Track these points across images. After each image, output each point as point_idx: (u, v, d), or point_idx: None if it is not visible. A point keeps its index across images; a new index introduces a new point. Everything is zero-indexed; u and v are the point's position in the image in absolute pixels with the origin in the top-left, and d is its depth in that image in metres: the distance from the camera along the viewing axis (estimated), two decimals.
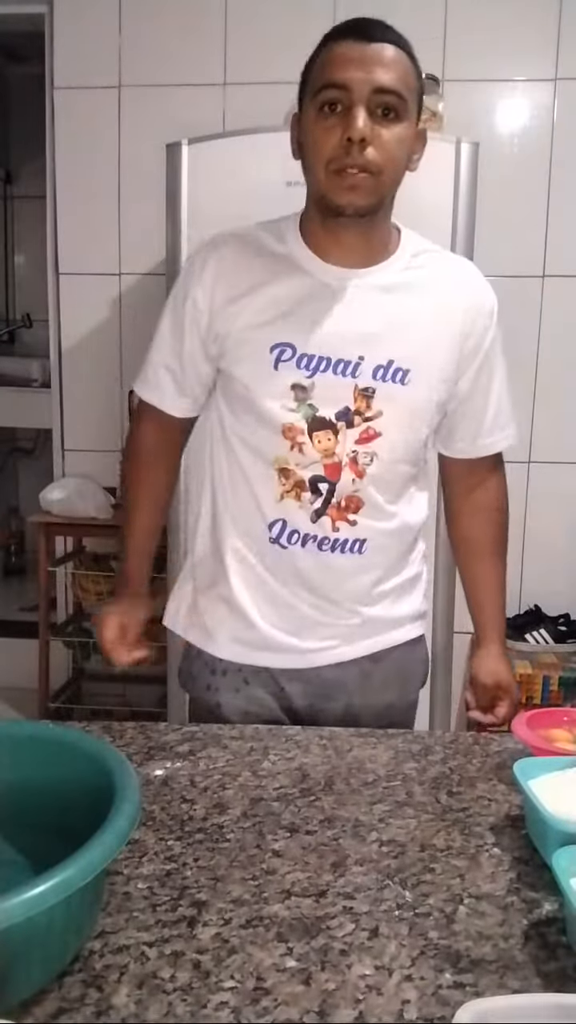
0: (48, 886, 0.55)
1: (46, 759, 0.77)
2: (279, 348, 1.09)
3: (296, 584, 1.15)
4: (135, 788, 0.67)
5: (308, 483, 1.11)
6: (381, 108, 1.01)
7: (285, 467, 1.11)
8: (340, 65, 1.01)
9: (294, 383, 1.09)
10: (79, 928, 0.64)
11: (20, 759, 0.77)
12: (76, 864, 0.58)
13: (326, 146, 1.02)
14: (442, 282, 1.16)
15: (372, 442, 1.11)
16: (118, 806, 0.64)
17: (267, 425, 1.11)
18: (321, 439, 1.10)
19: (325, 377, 1.09)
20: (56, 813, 0.73)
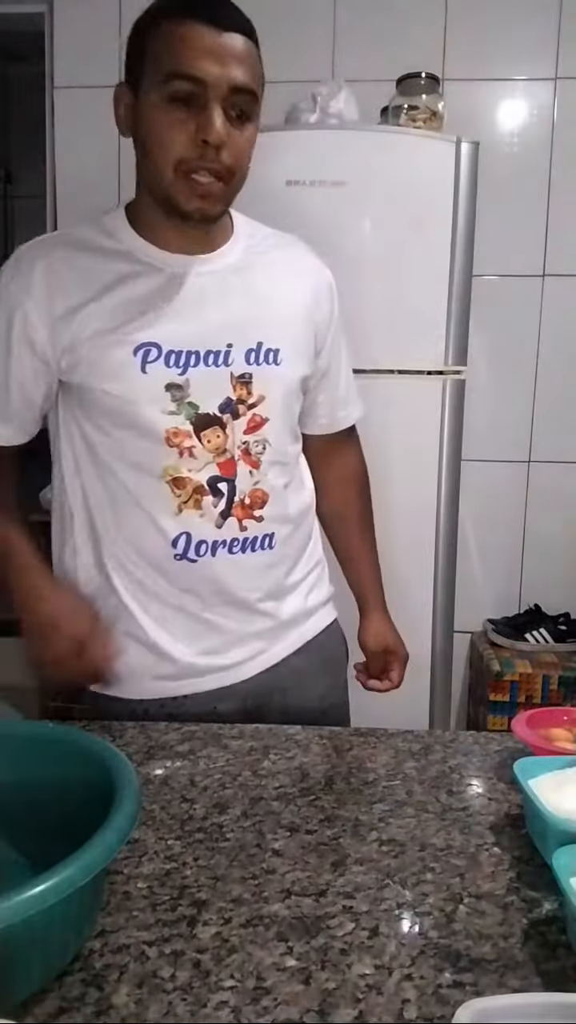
0: (48, 886, 0.55)
1: (46, 759, 0.77)
2: (143, 349, 1.01)
3: (212, 597, 1.09)
4: (135, 787, 0.67)
5: (207, 487, 1.05)
6: (236, 109, 0.97)
7: (177, 476, 1.04)
8: (194, 56, 0.93)
9: (168, 383, 1.02)
10: (79, 928, 0.64)
11: (20, 759, 0.77)
12: (76, 864, 0.58)
13: (175, 144, 0.95)
14: (284, 259, 1.15)
15: (260, 429, 1.08)
16: (118, 805, 0.64)
17: (147, 435, 1.03)
18: (210, 437, 1.04)
19: (198, 371, 1.03)
20: (56, 813, 0.73)
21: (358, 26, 2.49)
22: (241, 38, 0.96)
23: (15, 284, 1.03)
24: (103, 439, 1.05)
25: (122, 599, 1.09)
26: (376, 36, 2.49)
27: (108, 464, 1.06)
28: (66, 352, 1.03)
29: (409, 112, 2.20)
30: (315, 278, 1.17)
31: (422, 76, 2.22)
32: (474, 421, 2.33)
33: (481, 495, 2.57)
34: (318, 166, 1.96)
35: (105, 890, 0.72)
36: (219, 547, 1.07)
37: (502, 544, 2.68)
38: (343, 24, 2.50)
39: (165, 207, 1.02)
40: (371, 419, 1.35)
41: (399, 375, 2.04)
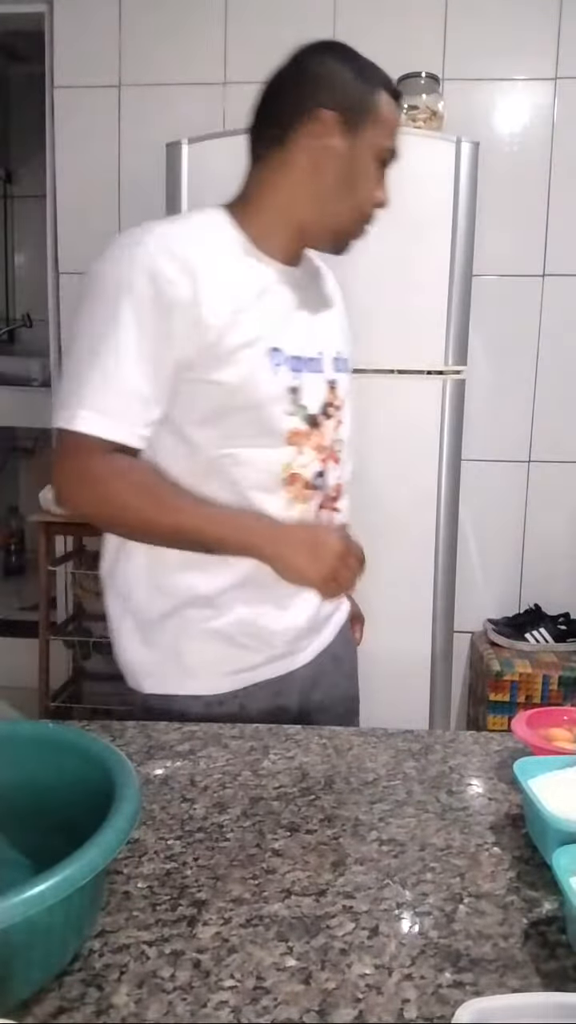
0: (48, 885, 0.55)
1: (46, 758, 0.76)
2: (273, 353, 1.07)
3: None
4: (135, 787, 0.68)
5: (311, 481, 1.13)
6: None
7: (292, 472, 1.10)
8: (395, 135, 1.11)
9: (289, 386, 1.09)
10: (79, 927, 0.64)
11: (20, 758, 0.77)
12: (76, 863, 0.58)
13: (373, 194, 1.11)
14: (326, 275, 1.26)
15: (340, 429, 1.17)
16: (118, 805, 0.64)
17: (271, 434, 1.07)
18: (314, 436, 1.12)
19: (306, 376, 1.11)
20: (56, 812, 0.73)
21: (358, 26, 2.49)
22: None
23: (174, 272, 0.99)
24: (216, 439, 1.05)
25: (208, 594, 1.11)
26: (376, 36, 2.48)
27: (215, 464, 1.06)
28: (204, 349, 1.01)
29: (409, 112, 2.20)
30: (340, 294, 1.29)
31: (422, 76, 2.23)
32: (474, 421, 2.33)
33: (481, 495, 2.58)
34: None
35: (105, 890, 0.72)
36: None
37: (502, 544, 2.68)
38: (343, 24, 2.50)
39: (324, 236, 1.13)
40: (371, 419, 1.35)
41: (399, 375, 2.04)
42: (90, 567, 2.75)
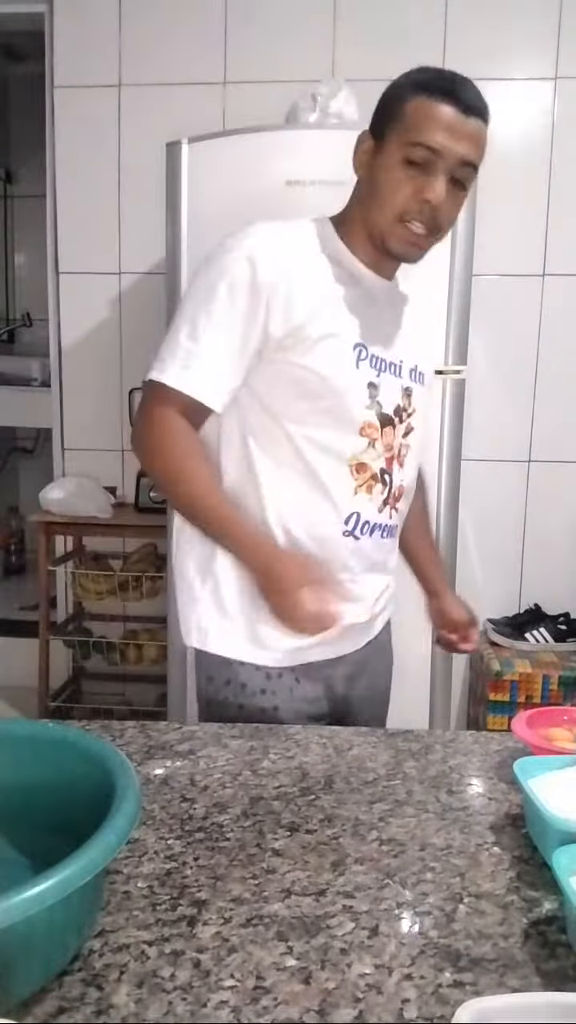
0: (47, 885, 0.55)
1: (46, 758, 0.77)
2: (358, 348, 1.14)
3: (363, 571, 1.20)
4: (135, 787, 0.68)
5: (379, 475, 1.18)
6: (456, 177, 1.10)
7: (360, 462, 1.16)
8: (437, 130, 1.07)
9: (369, 382, 1.15)
10: (79, 927, 0.65)
11: (20, 758, 0.77)
12: (76, 863, 0.58)
13: (400, 196, 1.09)
14: (420, 300, 1.32)
15: (410, 435, 1.23)
16: (118, 805, 0.64)
17: (346, 423, 1.14)
18: (387, 434, 1.18)
19: (385, 377, 1.17)
20: (56, 812, 0.73)
21: (358, 25, 2.49)
22: (479, 122, 1.10)
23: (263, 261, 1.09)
24: (295, 417, 1.13)
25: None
26: (376, 35, 2.49)
27: (292, 440, 1.14)
28: (295, 331, 1.10)
29: None
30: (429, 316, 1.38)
31: None
32: (474, 421, 2.33)
33: (481, 495, 2.57)
34: (318, 166, 1.96)
35: (105, 890, 0.72)
36: (377, 530, 1.19)
37: (502, 544, 2.68)
38: (343, 23, 2.50)
39: (377, 243, 1.14)
40: None
41: None
42: (90, 567, 2.75)
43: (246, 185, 1.97)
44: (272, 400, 1.14)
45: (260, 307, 1.09)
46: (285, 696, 1.19)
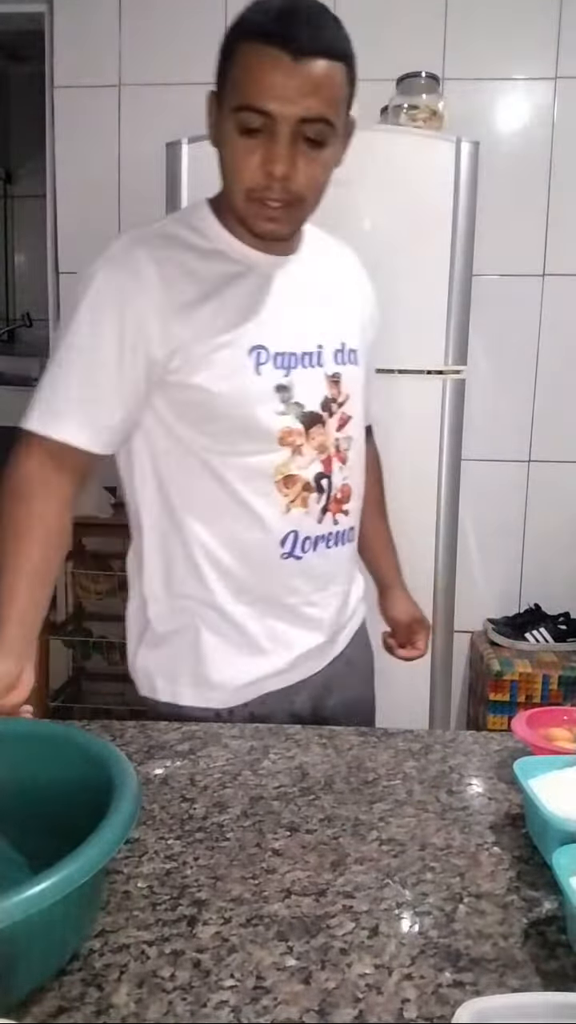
0: (47, 884, 0.55)
1: (46, 757, 0.76)
2: (256, 351, 1.03)
3: (311, 592, 1.13)
4: (135, 786, 0.67)
5: (313, 483, 1.08)
6: (306, 136, 0.95)
7: (288, 475, 1.06)
8: (263, 87, 0.91)
9: (277, 384, 1.05)
10: (78, 926, 0.64)
11: (19, 756, 0.77)
12: (75, 862, 0.58)
13: (245, 171, 0.96)
14: (343, 261, 1.19)
15: (347, 426, 1.12)
16: (117, 804, 0.64)
17: (261, 436, 1.04)
18: (315, 435, 1.08)
19: (299, 372, 1.06)
20: (55, 811, 0.73)
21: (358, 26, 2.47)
22: (321, 63, 0.92)
23: (121, 278, 0.99)
24: (206, 441, 1.04)
25: (216, 605, 1.09)
26: (376, 36, 2.48)
27: (209, 467, 1.04)
28: (179, 351, 1.00)
29: (409, 111, 2.20)
30: (364, 279, 1.22)
31: (422, 75, 2.22)
32: (474, 421, 2.33)
33: (481, 495, 2.57)
34: None
35: (105, 889, 0.72)
36: (320, 542, 1.10)
37: (502, 544, 2.68)
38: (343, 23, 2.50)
39: (241, 224, 1.03)
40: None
41: (399, 375, 2.03)
42: (90, 567, 2.75)
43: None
44: (179, 427, 1.04)
45: (130, 331, 0.99)
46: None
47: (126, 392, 1.01)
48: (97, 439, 1.01)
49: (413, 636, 1.36)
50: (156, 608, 1.13)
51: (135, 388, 1.01)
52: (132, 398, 1.02)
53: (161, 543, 1.11)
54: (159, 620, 1.13)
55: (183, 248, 1.03)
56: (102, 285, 1.00)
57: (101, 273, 1.00)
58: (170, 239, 1.04)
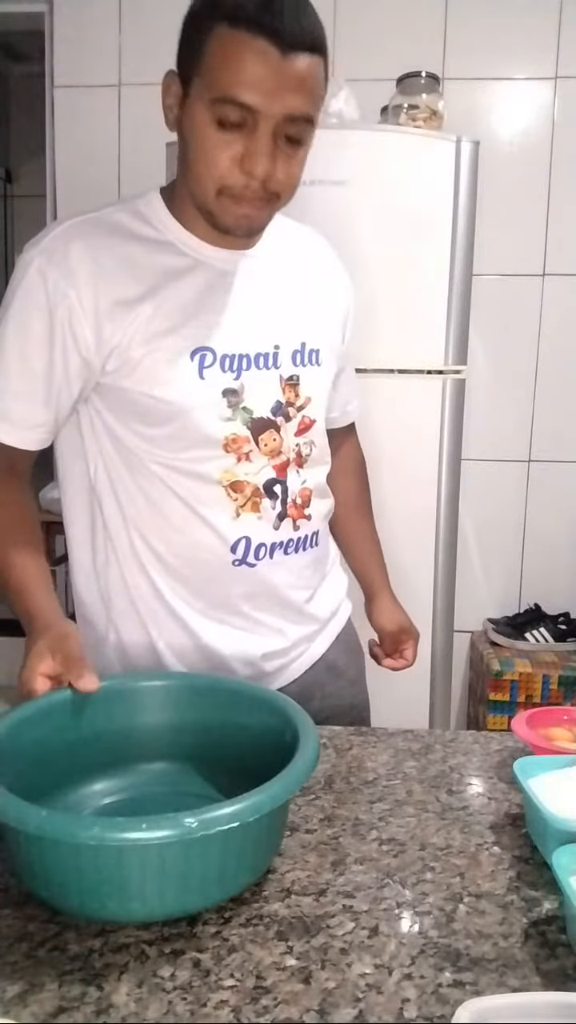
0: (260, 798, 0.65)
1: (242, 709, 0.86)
2: (200, 354, 0.97)
3: (267, 601, 1.08)
4: (315, 739, 0.75)
5: (263, 490, 1.03)
6: (288, 134, 0.90)
7: (235, 480, 1.01)
8: (249, 82, 0.86)
9: (224, 388, 0.98)
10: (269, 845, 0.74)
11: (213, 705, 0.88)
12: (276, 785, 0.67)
13: (220, 166, 0.90)
14: (312, 255, 1.12)
15: (309, 431, 1.07)
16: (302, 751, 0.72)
17: (204, 442, 0.98)
18: (266, 440, 1.02)
19: (251, 375, 1.00)
20: (242, 754, 0.83)
21: (358, 25, 2.49)
22: (306, 58, 0.87)
23: (54, 273, 0.94)
24: (147, 446, 0.99)
25: (173, 608, 1.05)
26: (376, 35, 2.49)
27: (153, 471, 1.00)
28: (114, 353, 0.95)
29: (409, 111, 2.20)
30: (338, 274, 1.15)
31: (422, 75, 2.22)
32: (474, 421, 2.33)
33: (481, 495, 2.57)
34: (318, 166, 1.95)
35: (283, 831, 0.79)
36: (276, 549, 1.05)
37: (502, 544, 2.68)
38: (343, 23, 2.50)
39: (206, 218, 0.96)
40: (371, 419, 1.35)
41: (399, 375, 2.03)
42: None
43: None
44: (118, 428, 0.99)
45: (59, 333, 0.94)
46: None
47: (58, 394, 0.98)
48: (28, 437, 0.99)
49: (400, 645, 1.31)
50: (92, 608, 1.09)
51: (68, 390, 0.98)
52: (66, 399, 0.99)
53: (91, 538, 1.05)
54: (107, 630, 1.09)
55: (126, 238, 0.97)
56: (34, 281, 0.94)
57: (34, 265, 0.95)
58: (113, 228, 0.98)
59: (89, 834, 0.61)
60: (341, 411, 1.25)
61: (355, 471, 1.33)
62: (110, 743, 0.86)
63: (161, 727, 0.88)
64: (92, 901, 0.65)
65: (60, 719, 0.83)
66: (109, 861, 0.63)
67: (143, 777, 0.87)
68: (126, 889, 0.65)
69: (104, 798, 0.85)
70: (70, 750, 0.83)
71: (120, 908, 0.66)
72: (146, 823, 0.62)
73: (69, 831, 0.62)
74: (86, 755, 0.85)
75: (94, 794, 0.85)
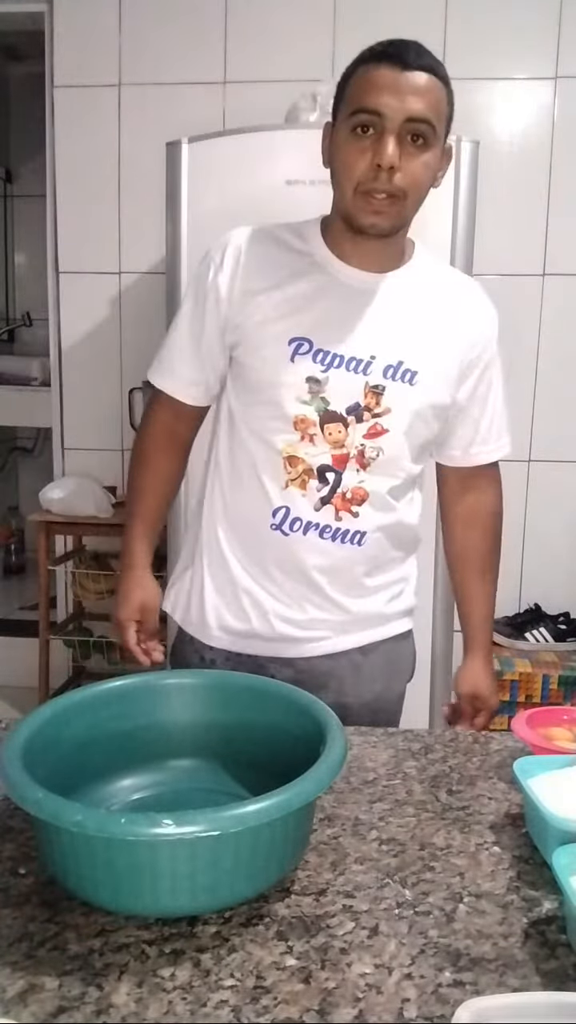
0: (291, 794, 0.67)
1: (271, 708, 0.87)
2: (296, 342, 1.12)
3: (294, 573, 1.17)
4: (343, 739, 0.76)
5: (316, 471, 1.14)
6: (411, 135, 1.05)
7: (294, 455, 1.14)
8: (375, 91, 1.04)
9: (309, 376, 1.12)
10: (282, 855, 0.72)
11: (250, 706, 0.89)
12: (291, 791, 0.67)
13: (355, 168, 1.06)
14: (451, 294, 1.23)
15: (380, 438, 1.15)
16: (329, 750, 0.74)
17: (279, 416, 1.13)
18: (332, 431, 1.14)
19: (338, 373, 1.13)
20: (269, 752, 0.84)
21: (358, 25, 2.49)
22: (425, 75, 1.06)
23: (214, 261, 1.17)
24: (244, 411, 1.18)
25: (222, 550, 1.21)
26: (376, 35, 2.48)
27: (242, 433, 1.18)
28: (237, 328, 1.16)
29: None
30: (477, 323, 1.26)
31: None
32: None
33: None
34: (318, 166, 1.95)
35: (310, 828, 0.79)
36: (311, 528, 1.15)
37: (502, 544, 2.68)
38: (343, 23, 2.50)
39: (347, 222, 1.11)
40: None
41: None
42: (90, 566, 2.75)
43: (246, 185, 1.97)
44: (234, 393, 1.20)
45: (212, 304, 1.16)
46: None
47: (209, 356, 1.19)
48: (190, 394, 1.22)
49: (475, 711, 1.33)
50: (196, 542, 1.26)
51: (210, 353, 1.19)
52: (209, 361, 1.20)
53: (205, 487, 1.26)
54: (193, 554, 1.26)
55: (276, 245, 1.17)
56: (201, 264, 1.19)
57: (206, 256, 1.19)
58: (270, 235, 1.18)
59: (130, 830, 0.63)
60: (463, 451, 1.30)
61: (475, 522, 1.38)
62: (140, 740, 0.89)
63: (190, 724, 0.91)
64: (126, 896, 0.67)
65: (91, 716, 0.86)
66: (142, 857, 0.65)
67: (172, 774, 0.89)
68: (158, 884, 0.66)
69: (133, 794, 0.87)
70: (101, 746, 0.86)
71: (153, 903, 0.67)
72: (173, 819, 0.63)
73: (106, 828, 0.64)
74: (116, 751, 0.87)
75: (123, 790, 0.87)
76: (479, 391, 1.26)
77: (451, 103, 1.13)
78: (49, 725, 0.81)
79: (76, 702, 0.86)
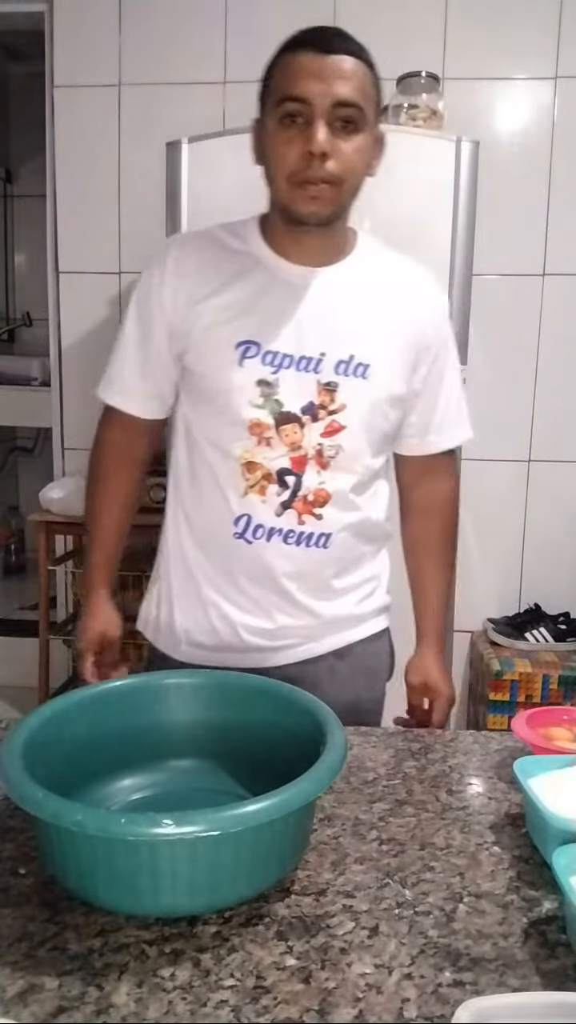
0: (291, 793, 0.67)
1: (272, 708, 0.88)
2: (244, 345, 1.11)
3: (262, 580, 1.15)
4: (343, 740, 0.76)
5: (275, 475, 1.12)
6: (340, 121, 1.03)
7: (251, 461, 1.12)
8: (299, 78, 1.02)
9: (259, 379, 1.11)
10: (282, 855, 0.72)
11: (254, 707, 0.89)
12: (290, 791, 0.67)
13: (287, 158, 1.04)
14: (397, 282, 1.19)
15: (337, 435, 1.13)
16: (329, 750, 0.74)
17: (233, 422, 1.12)
18: (288, 432, 1.12)
19: (289, 373, 1.11)
20: (271, 753, 0.84)
21: (358, 25, 2.47)
22: (349, 59, 1.04)
23: (155, 271, 1.16)
24: (197, 419, 1.17)
25: (188, 563, 1.20)
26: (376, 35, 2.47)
27: (198, 442, 1.17)
28: (183, 336, 1.14)
29: (409, 111, 2.20)
30: (428, 303, 1.22)
31: (422, 75, 2.22)
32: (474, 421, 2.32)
33: (481, 495, 2.57)
34: None
35: (310, 829, 0.80)
36: (274, 534, 1.14)
37: (502, 544, 2.68)
38: (343, 24, 2.49)
39: (284, 215, 1.10)
40: None
41: None
42: None
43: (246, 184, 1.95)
44: (188, 403, 1.18)
45: (157, 314, 1.15)
46: None
47: (153, 368, 1.19)
48: (144, 408, 1.21)
49: (429, 702, 1.29)
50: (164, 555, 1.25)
51: (161, 364, 1.18)
52: (160, 371, 1.19)
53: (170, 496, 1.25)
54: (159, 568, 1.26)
55: (215, 247, 1.15)
56: (141, 279, 1.19)
57: (145, 269, 1.18)
58: (208, 238, 1.17)
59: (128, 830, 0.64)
60: (419, 439, 1.25)
61: (432, 511, 1.33)
62: (139, 740, 0.89)
63: (189, 725, 0.91)
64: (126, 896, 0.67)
65: (90, 716, 0.87)
66: (142, 856, 0.65)
67: (171, 773, 0.90)
68: (158, 883, 0.66)
69: (132, 793, 0.88)
70: (101, 746, 0.86)
71: (153, 903, 0.67)
72: (173, 819, 0.63)
73: (106, 828, 0.64)
74: (115, 751, 0.88)
75: (123, 790, 0.88)
76: (432, 378, 1.22)
77: (378, 87, 1.09)
78: (49, 725, 0.81)
79: (76, 702, 0.86)
